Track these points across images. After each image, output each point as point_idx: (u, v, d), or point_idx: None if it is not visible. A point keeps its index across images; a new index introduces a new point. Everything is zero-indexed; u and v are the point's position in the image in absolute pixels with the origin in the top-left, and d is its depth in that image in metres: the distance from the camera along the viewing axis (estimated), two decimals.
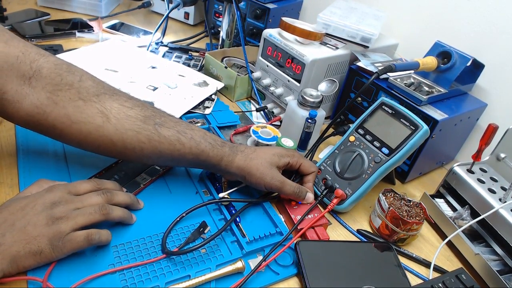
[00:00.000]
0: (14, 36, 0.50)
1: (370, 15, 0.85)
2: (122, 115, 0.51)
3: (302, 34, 0.76)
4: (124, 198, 0.52)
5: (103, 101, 0.51)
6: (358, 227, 0.61)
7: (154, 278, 0.46)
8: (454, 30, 0.81)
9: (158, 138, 0.52)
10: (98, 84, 0.53)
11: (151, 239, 0.51)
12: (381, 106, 0.64)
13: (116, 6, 1.25)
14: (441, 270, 0.57)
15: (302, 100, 0.69)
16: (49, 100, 0.49)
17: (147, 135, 0.51)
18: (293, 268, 0.52)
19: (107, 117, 0.50)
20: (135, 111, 0.52)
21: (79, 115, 0.49)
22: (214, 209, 0.58)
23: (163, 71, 0.88)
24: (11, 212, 0.44)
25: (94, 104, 0.50)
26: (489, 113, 0.76)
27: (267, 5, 0.99)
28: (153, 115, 0.53)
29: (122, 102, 0.52)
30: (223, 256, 0.51)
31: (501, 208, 0.56)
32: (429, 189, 0.73)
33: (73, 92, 0.50)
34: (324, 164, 0.65)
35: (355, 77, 0.77)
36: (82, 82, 0.51)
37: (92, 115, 0.50)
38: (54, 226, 0.43)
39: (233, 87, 0.86)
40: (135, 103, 0.53)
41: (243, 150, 0.57)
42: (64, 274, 0.44)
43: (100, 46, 0.93)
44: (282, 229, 0.56)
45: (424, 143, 0.63)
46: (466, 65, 0.70)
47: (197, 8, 1.19)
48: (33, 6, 1.10)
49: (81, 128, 0.50)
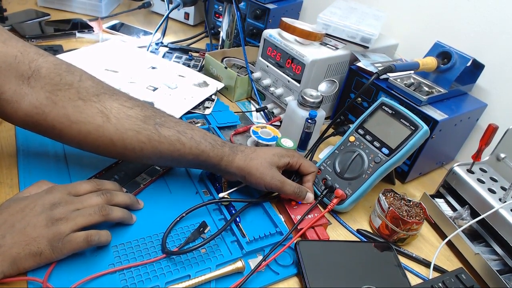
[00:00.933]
0: (13, 36, 0.49)
1: (370, 15, 0.85)
2: (122, 115, 0.51)
3: (302, 35, 0.76)
4: (124, 199, 0.51)
5: (103, 101, 0.51)
6: (358, 227, 0.61)
7: (154, 278, 0.46)
8: (454, 30, 0.81)
9: (158, 138, 0.52)
10: (97, 84, 0.52)
11: (151, 239, 0.51)
12: (381, 106, 0.64)
13: (116, 6, 1.26)
14: (441, 270, 0.57)
15: (302, 101, 0.69)
16: (48, 100, 0.48)
17: (147, 135, 0.51)
18: (293, 268, 0.52)
19: (107, 117, 0.50)
20: (135, 111, 0.52)
21: (78, 115, 0.49)
22: (214, 209, 0.58)
23: (163, 71, 0.88)
24: (10, 213, 0.44)
25: (94, 104, 0.50)
26: (489, 113, 0.76)
27: (267, 6, 0.99)
28: (153, 115, 0.53)
29: (122, 102, 0.52)
30: (223, 256, 0.51)
31: (501, 208, 0.56)
32: (429, 189, 0.73)
33: (73, 92, 0.49)
34: (324, 164, 0.65)
35: (355, 77, 0.77)
36: (82, 82, 0.51)
37: (92, 115, 0.49)
38: (53, 227, 0.43)
39: (233, 88, 0.86)
40: (135, 103, 0.53)
41: (243, 150, 0.57)
42: (64, 274, 0.44)
43: (100, 47, 0.93)
44: (282, 229, 0.56)
45: (424, 143, 0.63)
46: (466, 65, 0.70)
47: (197, 9, 1.19)
48: (33, 7, 1.10)
49: (81, 128, 0.49)
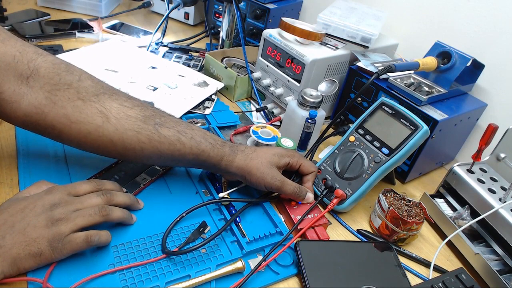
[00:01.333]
0: (12, 36, 0.49)
1: (370, 15, 0.85)
2: (122, 115, 0.51)
3: (302, 34, 0.76)
4: (124, 199, 0.51)
5: (103, 101, 0.50)
6: (358, 227, 0.61)
7: (154, 278, 0.46)
8: (454, 30, 0.81)
9: (158, 138, 0.51)
10: (97, 83, 0.52)
11: (151, 239, 0.51)
12: (381, 106, 0.64)
13: (116, 6, 1.26)
14: (441, 270, 0.57)
15: (302, 100, 0.69)
16: (48, 100, 0.48)
17: (147, 135, 0.51)
18: (293, 268, 0.52)
19: (106, 117, 0.50)
20: (135, 111, 0.52)
21: (78, 115, 0.49)
22: (214, 209, 0.58)
23: (163, 71, 0.88)
24: (10, 214, 0.44)
25: (93, 104, 0.50)
26: (489, 113, 0.76)
27: (267, 5, 0.99)
28: (153, 115, 0.53)
29: (121, 102, 0.52)
30: (223, 256, 0.51)
31: (501, 208, 0.56)
32: (429, 189, 0.73)
33: (72, 92, 0.49)
34: (324, 164, 0.65)
35: (355, 77, 0.77)
36: (81, 81, 0.50)
37: (92, 115, 0.49)
38: (53, 228, 0.43)
39: (233, 87, 0.86)
40: (134, 103, 0.53)
41: (243, 150, 0.57)
42: (64, 274, 0.44)
43: (100, 46, 0.93)
44: (282, 229, 0.56)
45: (424, 143, 0.63)
46: (466, 65, 0.70)
47: (197, 8, 1.19)
48: (33, 6, 1.11)
49: (81, 128, 0.49)
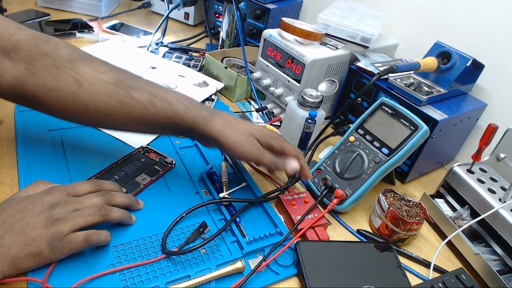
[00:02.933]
0: None
1: (370, 15, 0.85)
2: (95, 80, 0.50)
3: (302, 35, 0.76)
4: (123, 199, 0.51)
5: (77, 67, 0.50)
6: (358, 227, 0.61)
7: (154, 278, 0.46)
8: (454, 30, 0.81)
9: (130, 101, 0.50)
10: (73, 51, 0.52)
11: (151, 239, 0.51)
12: (381, 106, 0.64)
13: (116, 6, 1.26)
14: (441, 270, 0.57)
15: (302, 100, 0.69)
16: (28, 71, 0.49)
17: (120, 99, 0.50)
18: (293, 268, 0.52)
19: (80, 83, 0.49)
20: (108, 75, 0.51)
21: (54, 82, 0.49)
22: (214, 209, 0.58)
23: (163, 71, 0.88)
24: (9, 214, 0.44)
25: (68, 71, 0.49)
26: (489, 113, 0.76)
27: (267, 6, 0.99)
28: (126, 78, 0.52)
29: (96, 68, 0.51)
30: (223, 256, 0.51)
31: (501, 208, 0.56)
32: (429, 189, 0.73)
33: (49, 60, 0.49)
34: (324, 164, 0.65)
35: (355, 77, 0.77)
36: (58, 50, 0.50)
37: (66, 82, 0.49)
38: (53, 228, 0.43)
39: (233, 88, 0.86)
40: (109, 68, 0.52)
41: (224, 116, 0.55)
42: (64, 274, 0.44)
43: (100, 47, 0.93)
44: (282, 229, 0.56)
45: (424, 143, 0.63)
46: (466, 65, 0.70)
47: (197, 9, 1.19)
48: (33, 7, 1.11)
49: (57, 95, 0.49)
